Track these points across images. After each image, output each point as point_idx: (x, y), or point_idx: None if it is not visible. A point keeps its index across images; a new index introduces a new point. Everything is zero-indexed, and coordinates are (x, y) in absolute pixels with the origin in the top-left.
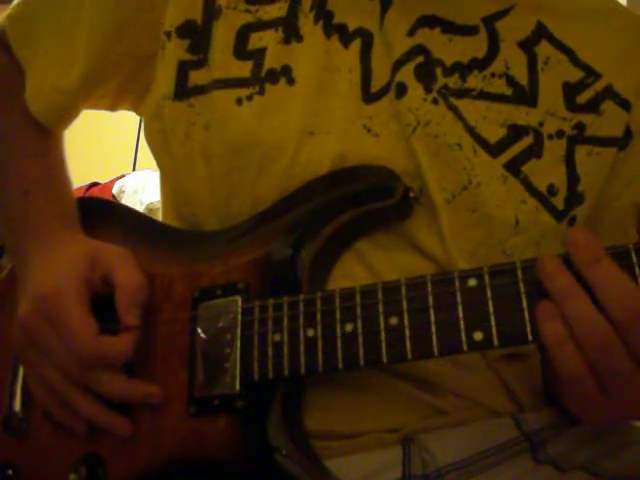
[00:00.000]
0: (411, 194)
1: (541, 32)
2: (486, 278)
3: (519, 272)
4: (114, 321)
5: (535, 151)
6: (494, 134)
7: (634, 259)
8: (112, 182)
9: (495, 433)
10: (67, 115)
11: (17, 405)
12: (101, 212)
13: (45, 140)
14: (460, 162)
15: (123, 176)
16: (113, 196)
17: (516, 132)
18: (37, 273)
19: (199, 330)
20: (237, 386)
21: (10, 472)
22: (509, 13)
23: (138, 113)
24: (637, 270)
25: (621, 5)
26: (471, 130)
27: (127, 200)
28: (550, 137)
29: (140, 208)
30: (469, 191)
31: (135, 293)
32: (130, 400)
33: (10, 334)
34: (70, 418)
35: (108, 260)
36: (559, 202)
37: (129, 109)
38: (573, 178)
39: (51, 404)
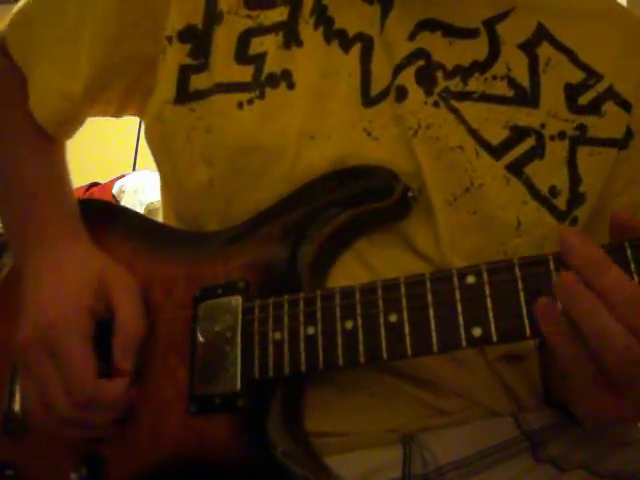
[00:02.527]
0: (409, 194)
1: (542, 33)
2: (484, 275)
3: (517, 269)
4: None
5: (537, 152)
6: (496, 136)
7: (629, 254)
8: (112, 182)
9: (495, 432)
10: (73, 122)
11: (17, 405)
12: (101, 214)
13: (49, 145)
14: (462, 164)
15: (123, 176)
16: (113, 196)
17: (518, 133)
18: (42, 293)
19: (200, 329)
20: (238, 385)
21: (10, 472)
22: (509, 15)
23: (142, 118)
24: (632, 265)
25: (621, 5)
26: (474, 132)
27: (127, 200)
28: (552, 138)
29: (140, 208)
30: (471, 193)
31: (133, 338)
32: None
33: (10, 335)
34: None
35: (114, 290)
36: (561, 203)
37: (134, 114)
38: (575, 179)
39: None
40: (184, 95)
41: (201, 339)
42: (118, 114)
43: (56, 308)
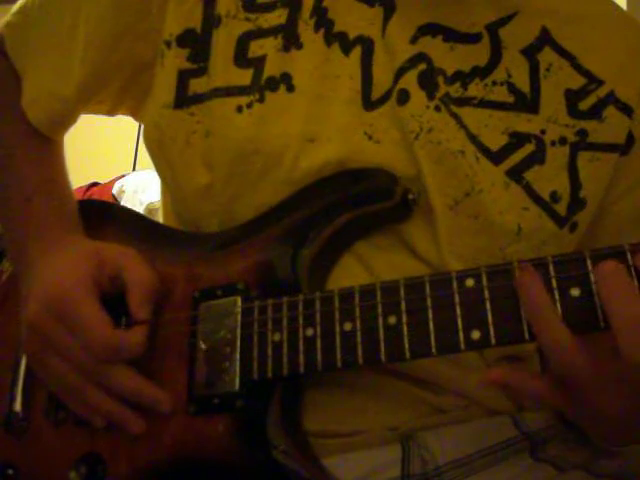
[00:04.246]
0: (410, 196)
1: (544, 38)
2: (483, 278)
3: (516, 272)
4: (121, 320)
5: (537, 158)
6: (496, 142)
7: (629, 258)
8: (112, 182)
9: (494, 432)
10: (66, 121)
11: (17, 405)
12: (101, 214)
13: (46, 145)
14: (462, 169)
15: (123, 176)
16: (113, 196)
17: (518, 139)
18: (43, 276)
19: (199, 330)
20: (237, 385)
21: (10, 471)
22: (513, 19)
23: (136, 119)
24: (632, 270)
25: (623, 11)
26: (473, 138)
27: (127, 200)
28: (553, 144)
29: (140, 208)
30: (471, 197)
31: (147, 289)
32: (139, 399)
33: (10, 336)
34: (88, 412)
35: (116, 259)
36: (562, 209)
37: (127, 114)
38: (575, 184)
39: (68, 401)
40: (183, 99)
41: (200, 340)
42: (110, 113)
43: (59, 281)
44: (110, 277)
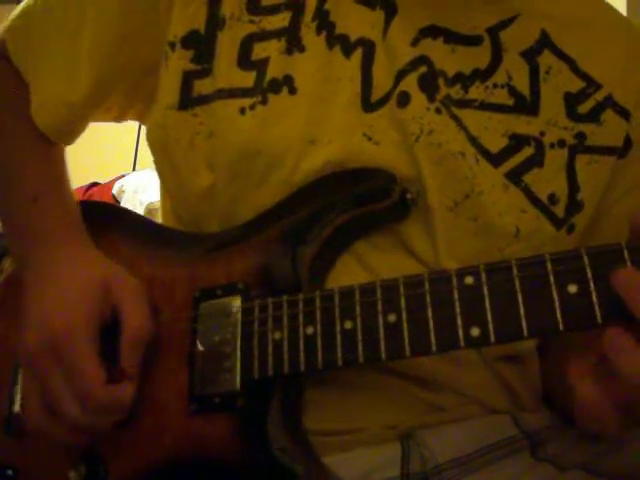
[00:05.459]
0: (408, 195)
1: (544, 41)
2: (483, 276)
3: (515, 269)
4: (113, 347)
5: (536, 160)
6: (495, 144)
7: (626, 255)
8: (112, 182)
9: (494, 430)
10: (75, 128)
11: (17, 406)
12: (102, 216)
13: (50, 147)
14: (462, 171)
15: (123, 176)
16: (113, 196)
17: (517, 142)
18: (46, 300)
19: (200, 330)
20: (237, 384)
21: (10, 472)
22: (514, 22)
23: (143, 123)
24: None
25: (622, 15)
26: (473, 140)
27: (127, 200)
28: (552, 146)
29: (140, 208)
30: (471, 199)
31: (140, 339)
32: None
33: (10, 337)
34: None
35: (120, 293)
36: (560, 211)
37: (135, 119)
38: (573, 187)
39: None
40: (187, 101)
41: (201, 339)
42: (119, 119)
43: (61, 316)
44: (112, 307)
